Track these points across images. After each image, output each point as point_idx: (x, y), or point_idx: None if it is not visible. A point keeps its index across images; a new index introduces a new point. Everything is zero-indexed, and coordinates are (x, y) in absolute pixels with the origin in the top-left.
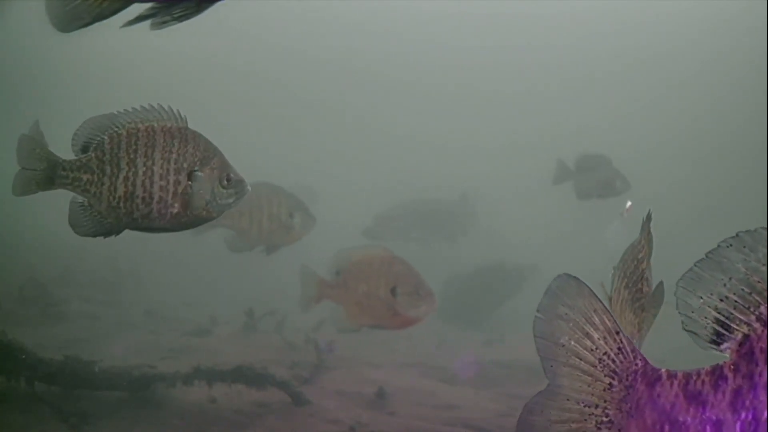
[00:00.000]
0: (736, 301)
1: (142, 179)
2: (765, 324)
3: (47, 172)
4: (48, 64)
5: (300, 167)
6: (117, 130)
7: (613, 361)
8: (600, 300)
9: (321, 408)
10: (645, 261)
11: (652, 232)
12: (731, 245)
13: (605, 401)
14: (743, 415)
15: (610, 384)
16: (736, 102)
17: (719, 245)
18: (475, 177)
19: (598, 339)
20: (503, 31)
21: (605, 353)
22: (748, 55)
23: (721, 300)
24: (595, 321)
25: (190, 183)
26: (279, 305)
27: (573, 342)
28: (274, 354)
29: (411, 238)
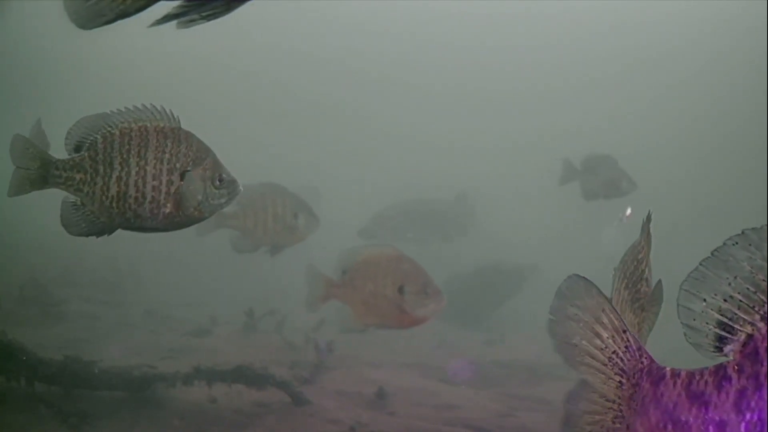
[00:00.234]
0: (740, 301)
1: (134, 179)
2: None
3: (40, 171)
4: (48, 63)
5: (299, 167)
6: (110, 129)
7: (622, 360)
8: (607, 299)
9: (321, 408)
10: (645, 261)
11: (651, 232)
12: (737, 243)
13: (618, 398)
14: (748, 416)
15: (620, 382)
16: (736, 102)
17: (725, 243)
18: (475, 177)
19: (607, 338)
20: (502, 31)
21: (614, 352)
22: (748, 55)
23: (725, 300)
24: (604, 320)
25: (182, 183)
26: (279, 305)
27: (585, 342)
28: (274, 354)
29: (407, 238)
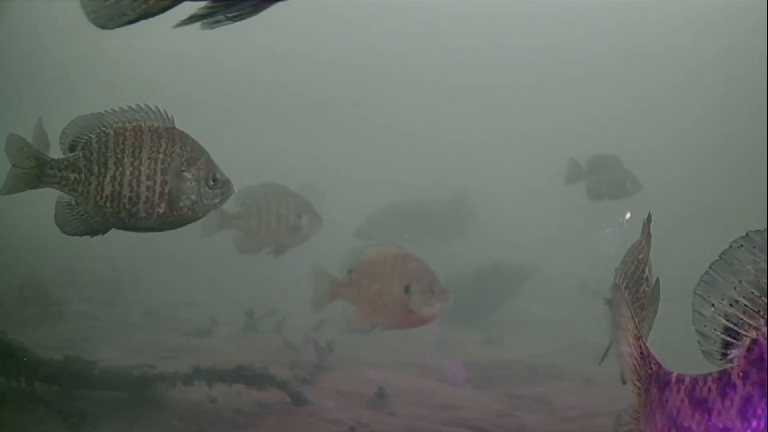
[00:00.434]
0: (745, 305)
1: (129, 179)
2: None
3: (35, 170)
4: (49, 63)
5: (297, 166)
6: (105, 129)
7: (639, 366)
8: (629, 306)
9: (321, 408)
10: (645, 261)
11: (651, 232)
12: (741, 245)
13: (638, 405)
14: (754, 424)
15: (638, 387)
16: (735, 102)
17: (731, 245)
18: (475, 177)
19: (631, 344)
20: (501, 29)
21: (635, 358)
22: (748, 55)
23: (731, 305)
24: (629, 328)
25: (176, 183)
26: (279, 305)
27: (621, 348)
28: (274, 354)
29: (404, 238)
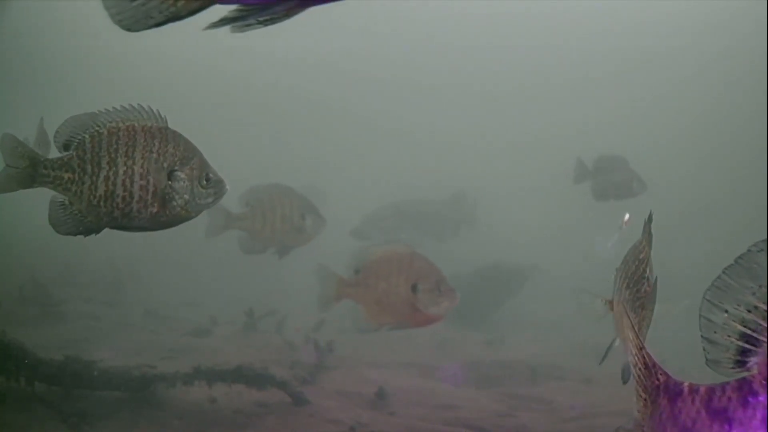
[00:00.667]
0: (766, 311)
1: (122, 178)
2: None
3: (29, 170)
4: (50, 62)
5: (297, 167)
6: (98, 129)
7: (644, 377)
8: (630, 317)
9: (321, 408)
10: (646, 261)
11: (652, 232)
12: (762, 249)
13: (644, 417)
14: None
15: (644, 399)
16: (735, 103)
17: (749, 249)
18: (475, 177)
19: (635, 355)
20: (500, 29)
21: (639, 368)
22: (748, 55)
23: (749, 311)
24: (631, 337)
25: (169, 182)
26: (279, 305)
27: (629, 359)
28: (274, 354)
29: (401, 239)
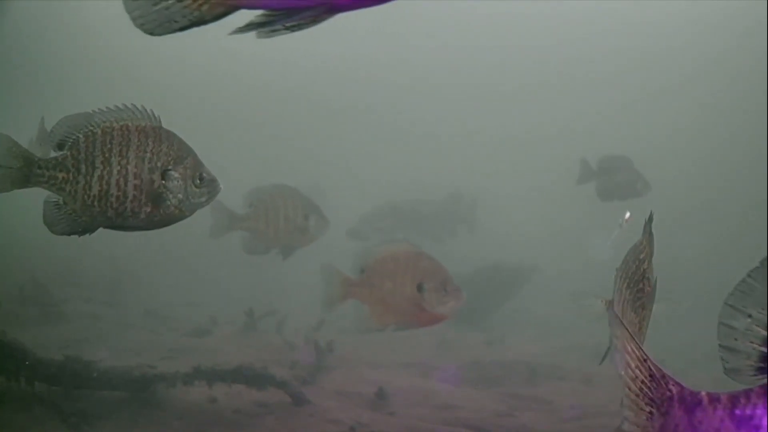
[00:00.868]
0: None
1: (116, 178)
2: None
3: (23, 170)
4: (50, 63)
5: (296, 167)
6: (92, 129)
7: (649, 389)
8: (627, 328)
9: (321, 408)
10: (647, 261)
11: (653, 232)
12: None
13: (644, 429)
14: None
15: (650, 412)
16: (735, 103)
17: None
18: (475, 177)
19: (635, 368)
20: (500, 28)
21: (642, 381)
22: (748, 56)
23: None
24: (629, 350)
25: (163, 182)
26: (279, 305)
27: (623, 372)
28: (274, 354)
29: (398, 239)
